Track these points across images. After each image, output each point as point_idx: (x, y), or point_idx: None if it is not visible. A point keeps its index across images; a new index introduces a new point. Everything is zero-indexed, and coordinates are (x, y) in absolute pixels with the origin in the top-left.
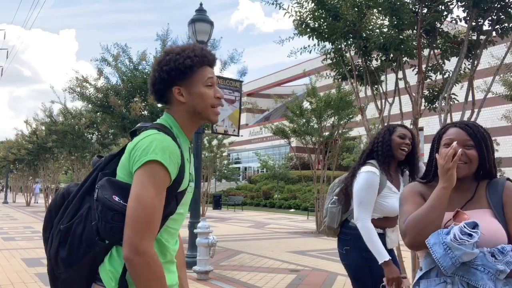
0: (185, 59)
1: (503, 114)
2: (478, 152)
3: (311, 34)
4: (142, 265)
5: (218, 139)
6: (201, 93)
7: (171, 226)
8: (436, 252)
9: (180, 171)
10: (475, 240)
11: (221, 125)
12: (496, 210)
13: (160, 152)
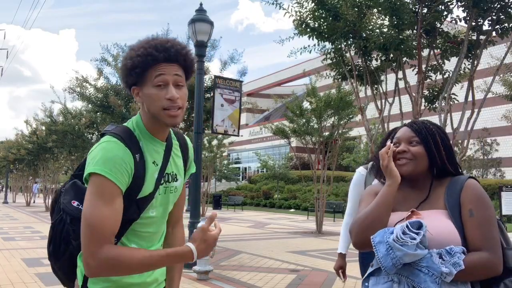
0: (127, 61)
1: (503, 114)
2: (424, 148)
3: (311, 34)
4: (98, 268)
5: (218, 139)
6: (148, 95)
7: (141, 230)
8: (379, 251)
9: (136, 178)
10: (417, 241)
11: (221, 125)
12: (452, 211)
13: (102, 164)
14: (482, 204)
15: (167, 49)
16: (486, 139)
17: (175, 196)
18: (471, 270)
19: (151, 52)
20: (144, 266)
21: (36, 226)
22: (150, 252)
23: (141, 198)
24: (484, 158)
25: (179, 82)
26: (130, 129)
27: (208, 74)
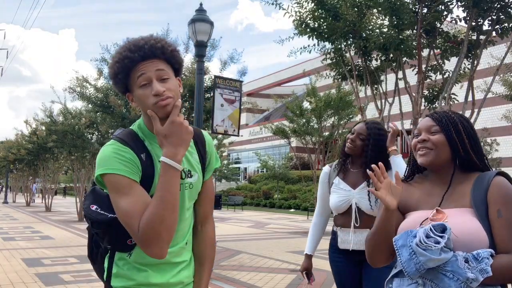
0: (110, 70)
1: (503, 114)
2: (445, 136)
3: (311, 34)
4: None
5: (218, 139)
6: (138, 97)
7: None
8: (402, 256)
9: (146, 176)
10: (441, 245)
11: (221, 125)
12: (478, 209)
13: (104, 164)
14: (511, 203)
15: (141, 47)
16: (486, 139)
17: (192, 193)
18: (500, 274)
19: (126, 54)
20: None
21: (36, 226)
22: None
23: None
24: None
25: (163, 76)
26: (133, 131)
27: (208, 74)
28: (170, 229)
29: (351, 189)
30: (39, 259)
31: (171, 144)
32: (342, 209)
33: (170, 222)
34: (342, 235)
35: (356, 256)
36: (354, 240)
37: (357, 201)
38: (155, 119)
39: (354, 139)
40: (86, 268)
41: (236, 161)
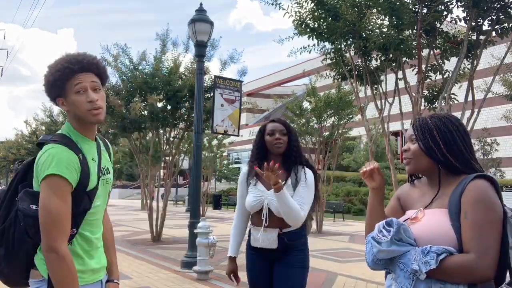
0: (49, 77)
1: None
2: (421, 145)
3: (311, 34)
4: (56, 260)
5: (218, 139)
6: (73, 102)
7: (92, 218)
8: (366, 247)
9: (83, 174)
10: (388, 239)
11: (221, 125)
12: (451, 210)
13: (56, 165)
14: (478, 207)
15: (80, 61)
16: (486, 139)
17: (109, 187)
18: (450, 270)
19: (68, 66)
20: (69, 277)
21: None
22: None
23: (90, 191)
24: (484, 158)
25: (96, 87)
26: (66, 135)
27: (208, 74)
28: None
29: (265, 190)
30: None
31: None
32: (255, 208)
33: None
34: (254, 233)
35: (267, 254)
36: (263, 238)
37: (269, 201)
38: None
39: (280, 137)
40: None
41: (236, 161)
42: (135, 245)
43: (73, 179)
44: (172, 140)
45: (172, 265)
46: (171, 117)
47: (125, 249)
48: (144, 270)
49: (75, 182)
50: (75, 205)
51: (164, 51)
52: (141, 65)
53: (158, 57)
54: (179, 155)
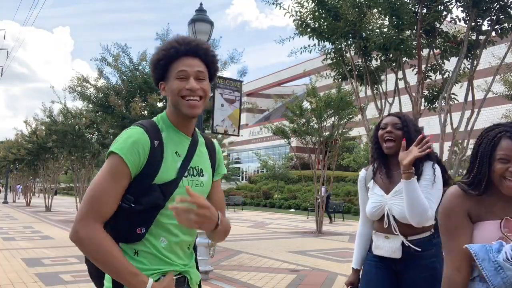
0: (154, 55)
1: (503, 114)
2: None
3: (312, 34)
4: (78, 244)
5: (218, 139)
6: (171, 86)
7: (167, 222)
8: (486, 270)
9: (152, 160)
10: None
11: (221, 125)
12: None
13: (120, 144)
14: None
15: (189, 42)
16: None
17: (202, 192)
18: None
19: (174, 45)
20: (105, 267)
21: (36, 226)
22: (119, 261)
23: (164, 184)
24: None
25: (200, 77)
26: (154, 121)
27: None
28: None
29: (384, 194)
30: (39, 259)
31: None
32: (376, 216)
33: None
34: (376, 239)
35: (390, 263)
36: (385, 246)
37: (390, 207)
38: None
39: (392, 131)
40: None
41: (236, 161)
42: None
43: (133, 162)
44: None
45: None
46: None
47: None
48: None
49: (136, 167)
50: (143, 197)
51: None
52: (141, 65)
53: None
54: None
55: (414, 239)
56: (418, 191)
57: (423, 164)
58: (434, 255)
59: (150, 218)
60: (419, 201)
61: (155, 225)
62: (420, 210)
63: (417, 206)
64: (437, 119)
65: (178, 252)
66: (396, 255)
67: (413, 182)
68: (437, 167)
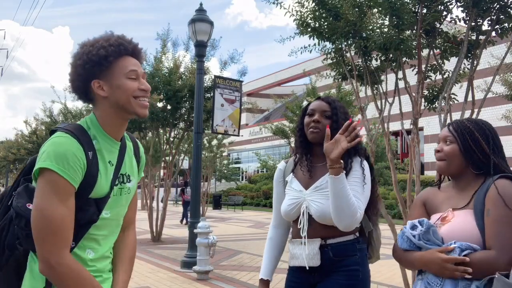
0: (99, 50)
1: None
2: (458, 146)
3: (312, 33)
4: (58, 277)
5: (218, 139)
6: (121, 85)
7: (95, 233)
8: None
9: (89, 176)
10: (417, 232)
11: (221, 125)
12: (476, 210)
13: (54, 159)
14: (499, 204)
15: (132, 42)
16: None
17: (128, 198)
18: (475, 267)
19: (122, 42)
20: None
21: None
22: (92, 283)
23: (99, 199)
24: None
25: (144, 76)
26: (83, 127)
27: (208, 74)
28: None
29: (303, 189)
30: None
31: None
32: (292, 216)
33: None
34: (292, 248)
35: (308, 276)
36: (301, 254)
37: (308, 204)
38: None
39: (319, 120)
40: None
41: (236, 161)
42: None
43: (75, 179)
44: (172, 140)
45: (172, 265)
46: (171, 117)
47: None
48: (144, 270)
49: (77, 184)
50: (77, 212)
51: (164, 51)
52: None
53: (158, 57)
54: (179, 155)
55: (334, 242)
56: (347, 189)
57: (352, 159)
58: (357, 263)
59: (82, 232)
60: (348, 201)
61: (84, 238)
62: (350, 212)
63: (346, 207)
64: (437, 119)
65: (104, 260)
66: (314, 263)
67: (342, 179)
68: (365, 164)
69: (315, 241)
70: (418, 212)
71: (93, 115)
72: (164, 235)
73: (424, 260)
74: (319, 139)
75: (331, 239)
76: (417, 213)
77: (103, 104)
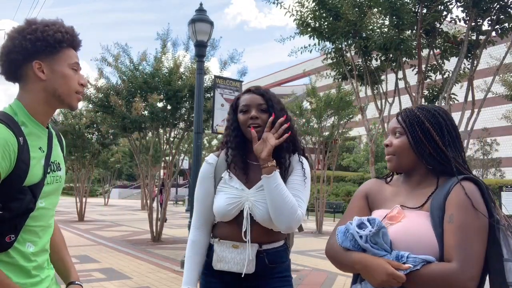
0: (56, 33)
1: (503, 114)
2: (409, 139)
3: (312, 33)
4: None
5: (218, 139)
6: (65, 74)
7: (33, 224)
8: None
9: (20, 162)
10: (365, 233)
11: (221, 125)
12: (434, 214)
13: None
14: (465, 211)
15: (77, 36)
16: (486, 139)
17: (59, 187)
18: (426, 281)
19: (75, 34)
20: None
21: None
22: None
23: (33, 186)
24: (484, 158)
25: (80, 70)
26: (9, 114)
27: (208, 74)
28: None
29: (245, 188)
30: None
31: None
32: (230, 215)
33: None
34: (219, 249)
35: (235, 283)
36: (233, 258)
37: (252, 205)
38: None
39: (257, 116)
40: (86, 268)
41: None
42: (135, 245)
43: (4, 165)
44: (172, 140)
45: (172, 265)
46: (171, 117)
47: (125, 249)
48: (144, 270)
49: (6, 170)
50: (12, 202)
51: (164, 51)
52: (141, 65)
53: (159, 57)
54: (179, 155)
55: (270, 248)
56: (282, 187)
57: (290, 155)
58: (287, 269)
59: (20, 223)
60: (284, 200)
61: (22, 230)
62: (288, 211)
63: (283, 206)
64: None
65: (44, 254)
66: (249, 270)
67: (276, 177)
68: (304, 160)
69: (253, 247)
70: (358, 204)
71: (18, 102)
72: (164, 235)
73: (367, 266)
74: (261, 135)
75: (266, 244)
76: (358, 206)
77: (37, 87)
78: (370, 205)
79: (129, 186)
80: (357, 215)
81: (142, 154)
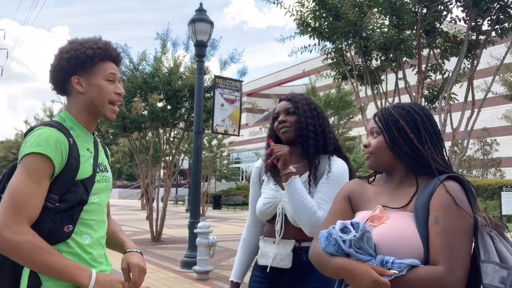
0: (87, 49)
1: (503, 114)
2: (385, 138)
3: (312, 33)
4: (8, 251)
5: (218, 139)
6: (100, 86)
7: (88, 218)
8: (321, 236)
9: (72, 158)
10: (349, 237)
11: (221, 125)
12: (418, 214)
13: (38, 144)
14: (451, 212)
15: (116, 50)
16: (486, 139)
17: (108, 187)
18: (411, 285)
19: (109, 49)
20: (44, 268)
21: None
22: (59, 257)
23: (85, 180)
24: (484, 158)
25: (120, 81)
26: (58, 121)
27: (208, 74)
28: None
29: (279, 189)
30: None
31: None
32: (267, 215)
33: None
34: (263, 246)
35: (277, 279)
36: (274, 254)
37: (284, 205)
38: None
39: (284, 119)
40: None
41: (236, 161)
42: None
43: (57, 159)
44: (172, 140)
45: (172, 265)
46: (171, 117)
47: None
48: None
49: (60, 164)
50: (67, 194)
51: (164, 51)
52: (141, 65)
53: (158, 57)
54: (179, 155)
55: (308, 245)
56: (299, 192)
57: (318, 159)
58: None
59: (76, 214)
60: (303, 205)
61: (78, 222)
62: (307, 216)
63: (301, 211)
64: (437, 119)
65: (100, 249)
66: (285, 264)
67: (292, 184)
68: (335, 160)
69: (289, 242)
70: (340, 206)
71: (66, 111)
72: (164, 235)
73: (352, 272)
74: (292, 135)
75: (305, 242)
76: (340, 208)
77: (78, 100)
78: (353, 206)
79: (129, 186)
80: (339, 218)
81: (142, 154)
